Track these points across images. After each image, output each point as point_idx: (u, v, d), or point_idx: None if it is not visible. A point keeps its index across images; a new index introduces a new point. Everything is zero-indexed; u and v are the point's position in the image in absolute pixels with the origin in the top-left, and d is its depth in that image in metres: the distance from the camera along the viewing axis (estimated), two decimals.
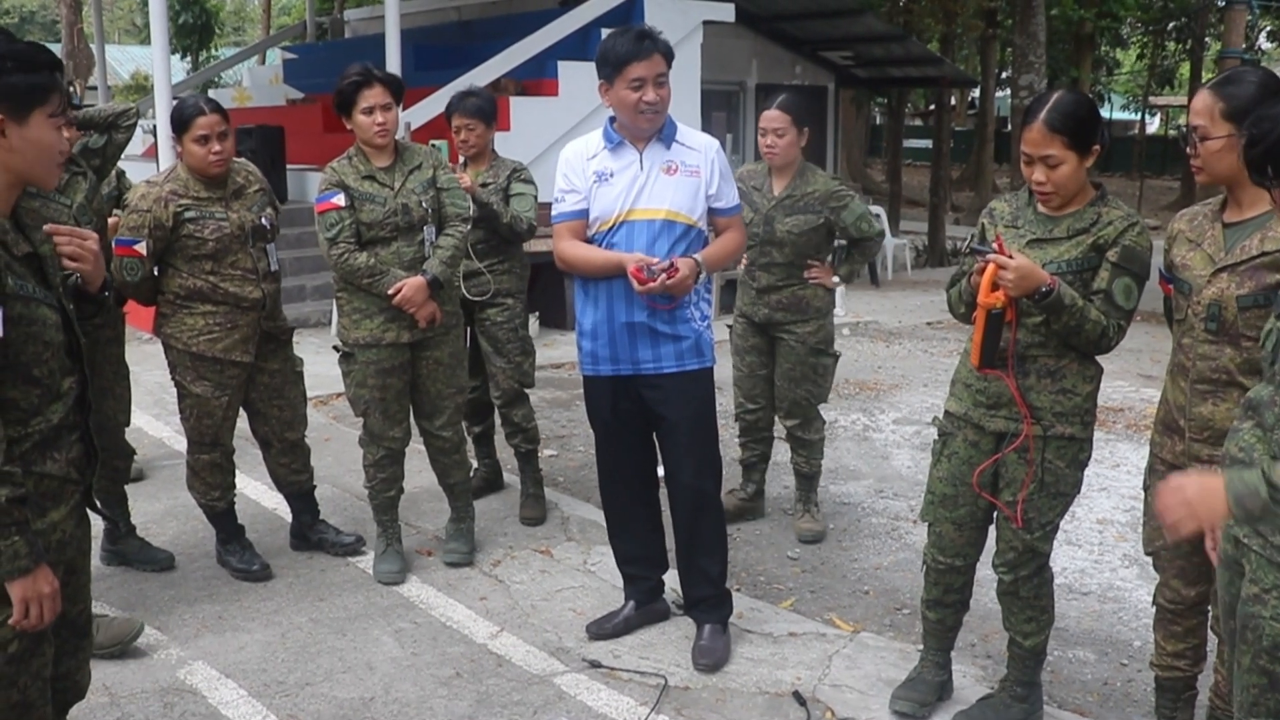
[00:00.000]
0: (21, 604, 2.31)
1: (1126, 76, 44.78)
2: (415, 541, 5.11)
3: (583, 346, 4.08)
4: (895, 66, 16.80)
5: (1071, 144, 3.19)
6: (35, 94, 2.32)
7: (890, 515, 5.76)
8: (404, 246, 4.54)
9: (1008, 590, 3.57)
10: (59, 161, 2.43)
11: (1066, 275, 3.28)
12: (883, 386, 8.61)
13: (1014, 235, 3.39)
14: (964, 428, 3.51)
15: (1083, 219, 3.30)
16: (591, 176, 3.95)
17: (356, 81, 4.44)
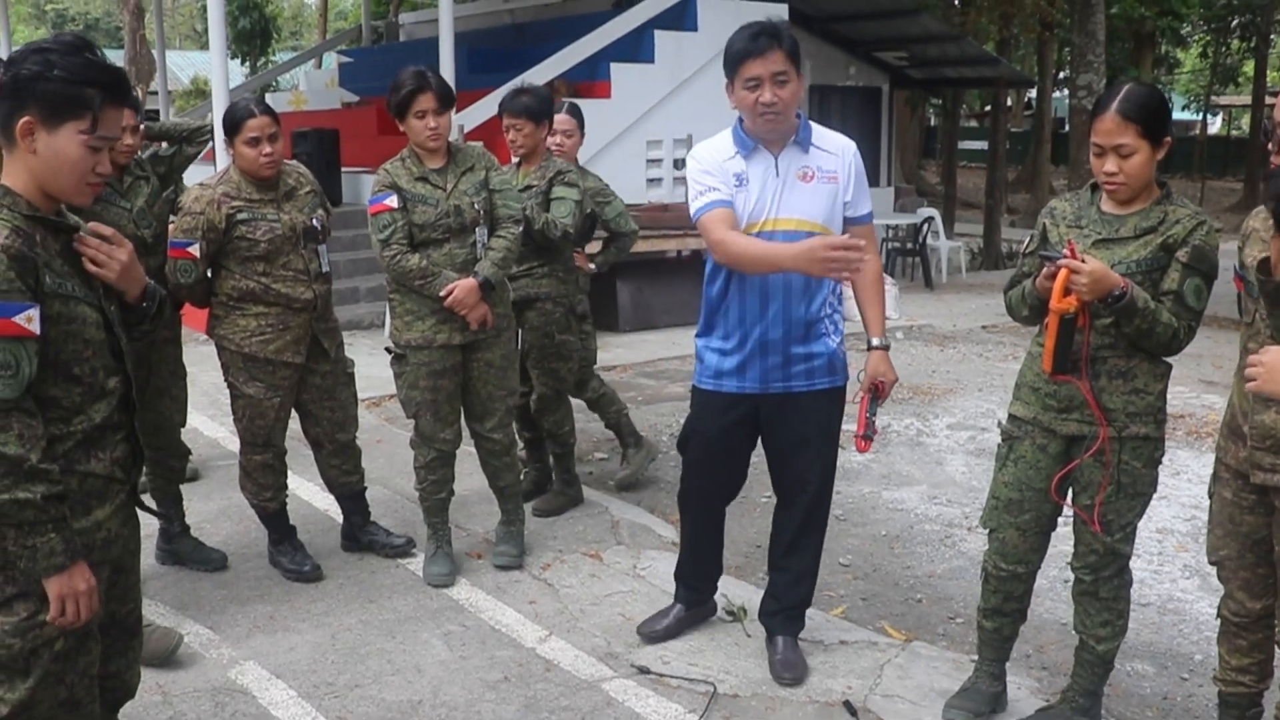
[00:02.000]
0: (58, 600, 2.35)
1: (1188, 76, 44.15)
2: (465, 544, 5.11)
3: (707, 359, 3.90)
4: (950, 67, 16.65)
5: (1144, 133, 3.14)
6: (71, 106, 2.35)
7: (944, 522, 5.69)
8: (456, 248, 4.55)
9: (1087, 590, 3.50)
10: (88, 181, 2.43)
11: (1136, 275, 3.22)
12: (937, 391, 8.52)
13: (1079, 235, 3.33)
14: (1032, 432, 3.45)
15: (1149, 217, 3.25)
16: (731, 178, 3.69)
17: (411, 89, 4.45)
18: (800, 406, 3.84)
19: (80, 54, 2.38)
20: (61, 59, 2.35)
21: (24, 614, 2.36)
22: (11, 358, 2.26)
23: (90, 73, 2.37)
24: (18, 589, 2.35)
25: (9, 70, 2.35)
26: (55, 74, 2.33)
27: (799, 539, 4.05)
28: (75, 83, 2.35)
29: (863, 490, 6.14)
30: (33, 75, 2.33)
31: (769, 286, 3.71)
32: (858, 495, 6.06)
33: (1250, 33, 32.51)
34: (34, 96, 2.32)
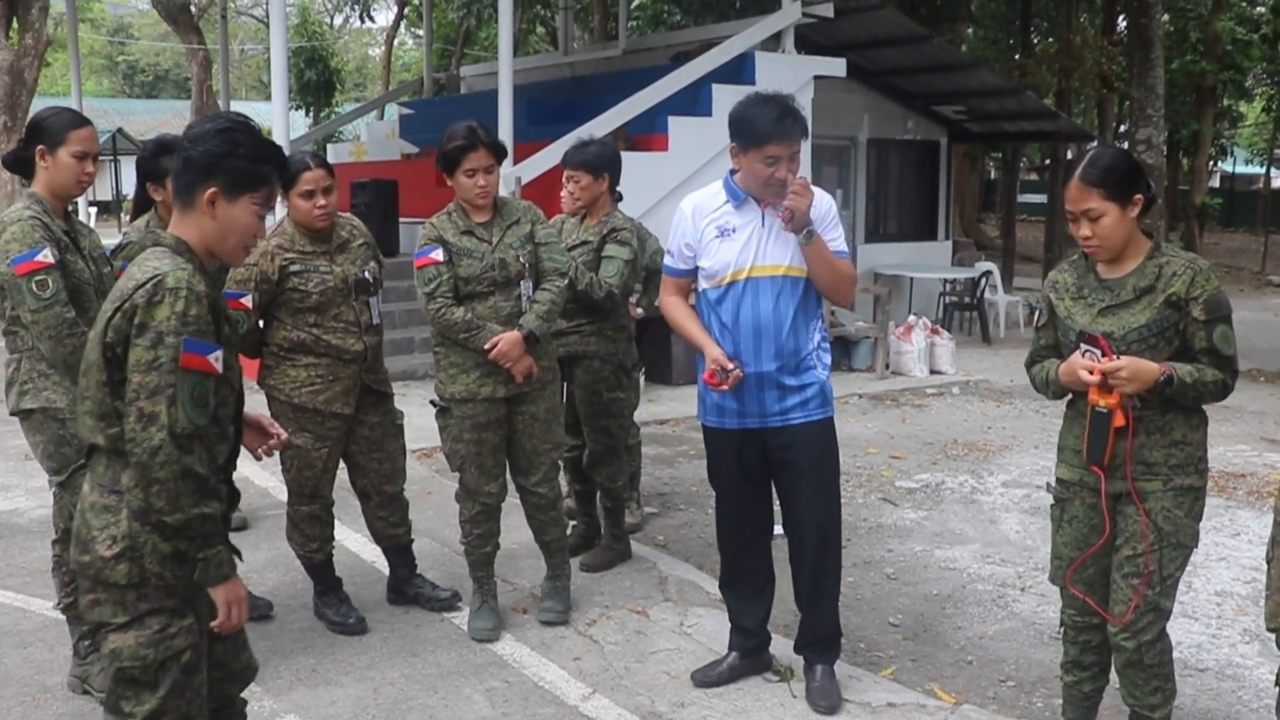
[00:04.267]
0: (225, 606, 2.66)
1: (1251, 129, 43.65)
2: (511, 598, 5.09)
3: (707, 399, 4.13)
4: (1009, 121, 16.56)
5: (1109, 195, 3.27)
6: (252, 181, 2.69)
7: (997, 582, 5.58)
8: (501, 301, 4.56)
9: (1131, 660, 3.46)
10: (250, 245, 2.77)
11: (1150, 339, 3.31)
12: (992, 448, 8.40)
13: (1083, 307, 3.44)
14: (1080, 492, 3.50)
15: (1145, 275, 3.33)
16: (712, 232, 3.99)
17: (461, 145, 4.48)
18: (799, 437, 4.04)
19: (257, 134, 2.73)
20: (245, 138, 2.69)
21: (156, 628, 2.59)
22: (203, 390, 2.57)
23: (267, 152, 2.73)
24: (150, 605, 2.59)
25: (196, 145, 2.68)
26: (240, 152, 2.67)
27: (818, 579, 4.19)
28: (256, 160, 2.70)
29: (915, 549, 6.05)
30: (222, 153, 2.66)
31: (762, 323, 3.95)
32: (909, 554, 5.97)
33: None
34: (221, 171, 2.66)
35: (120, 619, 2.60)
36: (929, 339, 11.57)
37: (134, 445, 2.52)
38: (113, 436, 2.58)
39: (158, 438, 2.51)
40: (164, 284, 2.55)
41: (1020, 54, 21.23)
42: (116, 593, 2.59)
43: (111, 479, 2.61)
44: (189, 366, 2.54)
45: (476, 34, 28.54)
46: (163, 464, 2.51)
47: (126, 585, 2.58)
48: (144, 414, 2.51)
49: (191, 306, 2.55)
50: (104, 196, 31.77)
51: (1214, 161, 36.58)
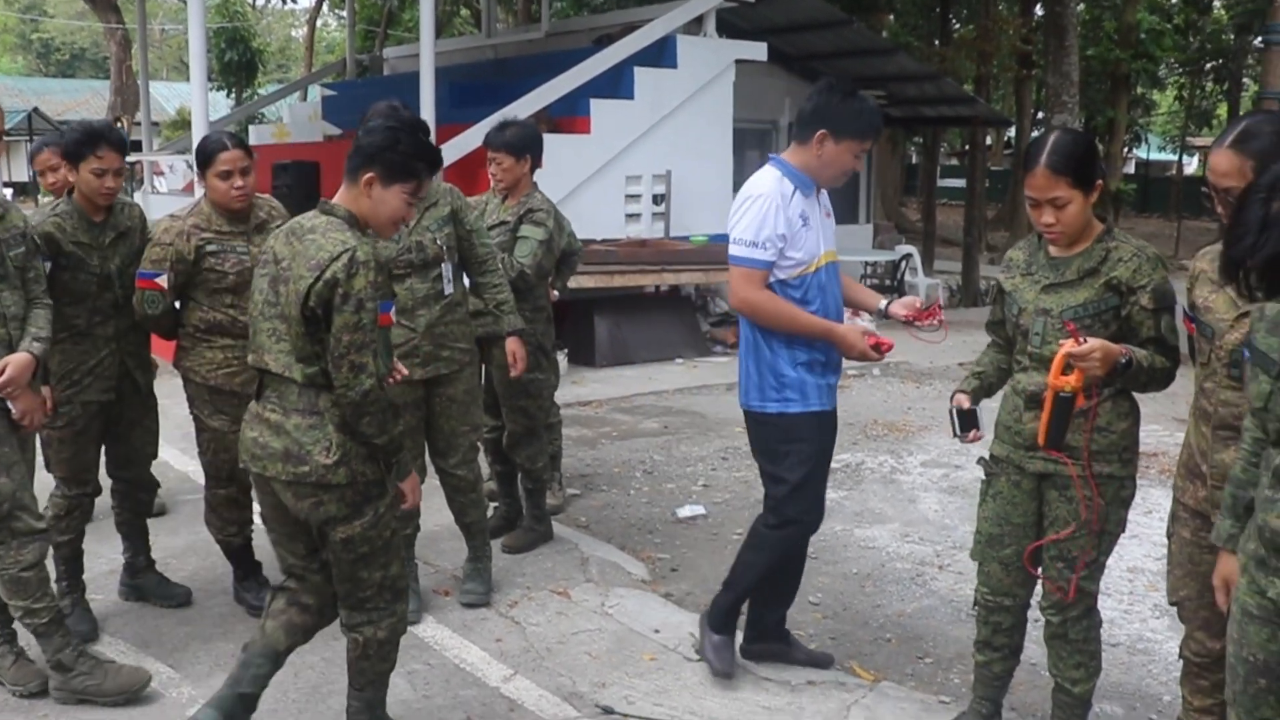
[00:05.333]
0: (412, 491, 3.47)
1: (1164, 117, 44.60)
2: (432, 581, 5.08)
3: (809, 381, 4.00)
4: (929, 106, 16.75)
5: (1076, 183, 3.25)
6: (404, 172, 3.25)
7: (916, 561, 5.67)
8: (418, 283, 4.54)
9: (1056, 633, 3.53)
10: (397, 227, 3.36)
11: (1085, 319, 3.31)
12: (912, 428, 8.52)
13: (1029, 283, 3.45)
14: (1007, 470, 3.54)
15: (1091, 257, 3.34)
16: (799, 220, 3.91)
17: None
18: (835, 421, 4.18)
19: (417, 134, 3.33)
20: (406, 137, 3.27)
21: (372, 515, 3.32)
22: (389, 341, 3.31)
23: (422, 151, 3.29)
24: (362, 498, 3.29)
25: (367, 135, 3.29)
26: (400, 148, 3.24)
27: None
28: (411, 157, 3.26)
29: (835, 528, 6.13)
30: (383, 145, 3.24)
31: (837, 305, 4.13)
32: (829, 533, 6.04)
33: (1223, 76, 32.90)
34: (380, 161, 3.23)
35: (344, 513, 3.27)
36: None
37: (347, 389, 3.15)
38: (310, 374, 3.22)
39: (368, 383, 3.16)
40: (356, 258, 3.13)
41: (940, 40, 21.46)
42: (338, 492, 3.26)
43: (308, 404, 3.24)
44: (385, 324, 3.23)
45: (400, 15, 28.25)
46: (373, 402, 3.18)
47: (346, 485, 3.24)
48: (355, 365, 3.15)
49: (378, 275, 3.18)
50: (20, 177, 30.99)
51: (1128, 148, 37.26)
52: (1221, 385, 3.00)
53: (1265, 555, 2.47)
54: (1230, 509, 2.73)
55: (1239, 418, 2.96)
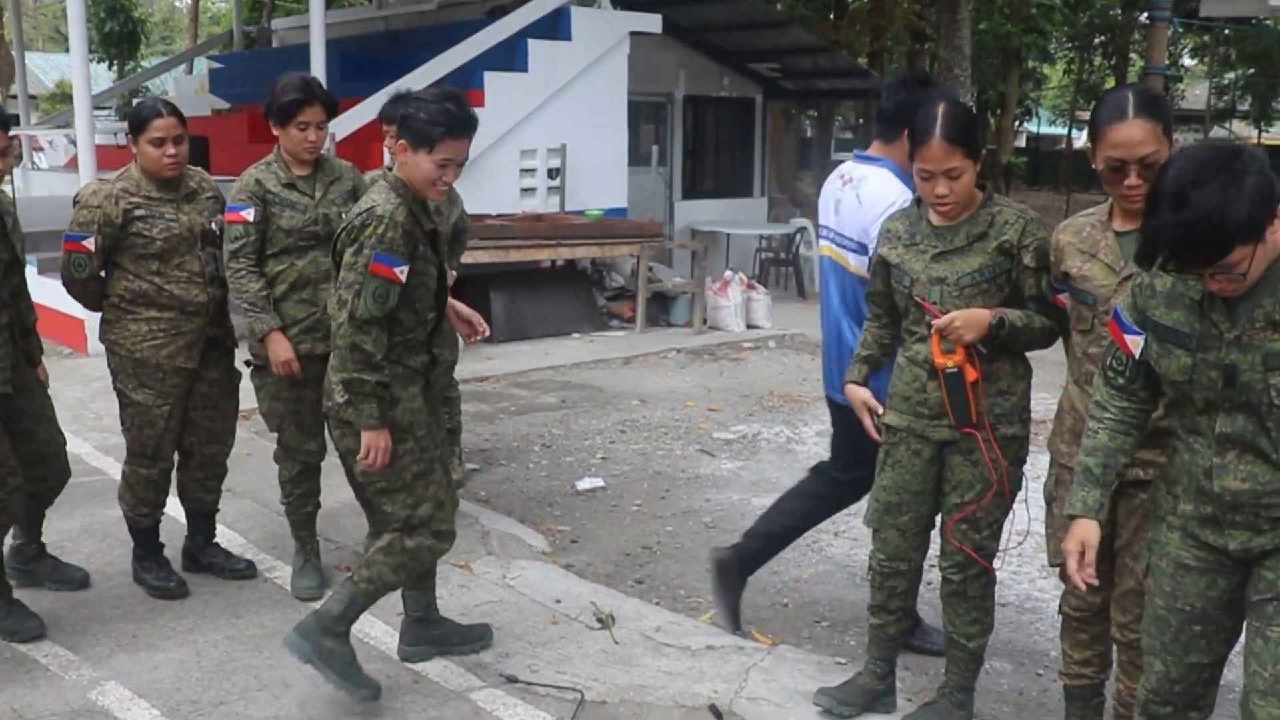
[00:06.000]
0: (365, 447, 3.61)
1: (1054, 91, 45.53)
2: (334, 557, 5.08)
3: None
4: (823, 79, 16.94)
5: (969, 153, 3.32)
6: (424, 138, 3.57)
7: None
8: (321, 256, 4.53)
9: (955, 591, 3.64)
10: (437, 190, 3.67)
11: (982, 284, 3.41)
12: (807, 399, 8.68)
13: (916, 254, 3.50)
14: (907, 439, 3.60)
15: (978, 223, 3.43)
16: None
17: (298, 99, 4.46)
18: None
19: (443, 103, 3.59)
20: (425, 106, 3.58)
21: (402, 452, 3.68)
22: (386, 291, 3.55)
23: (439, 117, 3.56)
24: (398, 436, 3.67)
25: (406, 106, 3.64)
26: (421, 116, 3.56)
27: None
28: (429, 124, 3.56)
29: (732, 498, 6.24)
30: (407, 115, 3.59)
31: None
32: (727, 502, 6.16)
33: (1111, 51, 33.72)
34: (407, 128, 3.59)
35: (359, 447, 3.62)
36: (745, 294, 11.83)
37: (333, 320, 3.62)
38: None
39: (342, 316, 3.55)
40: (375, 212, 3.56)
41: (834, 14, 21.68)
42: (353, 427, 3.63)
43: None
44: (375, 272, 3.51)
45: None
46: (342, 336, 3.55)
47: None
48: (342, 300, 3.57)
49: (389, 231, 3.53)
50: None
51: (1019, 122, 38.03)
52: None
53: (1217, 514, 2.61)
54: (1099, 479, 2.83)
55: None
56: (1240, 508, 2.57)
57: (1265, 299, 2.43)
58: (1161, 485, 2.79)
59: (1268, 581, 2.57)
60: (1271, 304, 2.42)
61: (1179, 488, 2.71)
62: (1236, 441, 2.53)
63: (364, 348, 3.55)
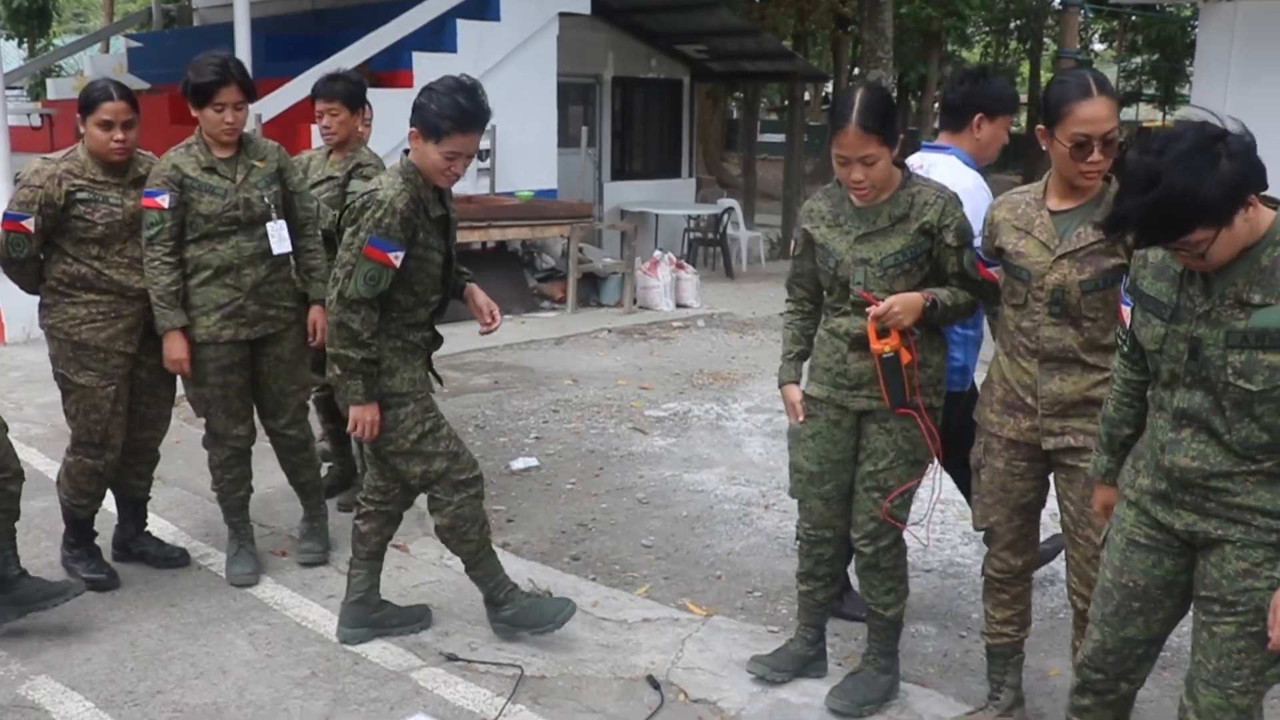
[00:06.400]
0: (353, 422, 3.81)
1: None
2: (269, 542, 5.06)
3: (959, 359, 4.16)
4: (749, 61, 17.03)
5: (884, 141, 3.37)
6: (434, 130, 3.68)
7: (743, 502, 5.89)
8: (244, 241, 4.50)
9: (869, 564, 3.73)
10: (447, 178, 3.79)
11: (905, 264, 3.50)
12: (736, 376, 8.78)
13: (840, 234, 3.58)
14: (826, 409, 3.68)
15: (899, 204, 3.50)
16: None
17: (214, 80, 4.38)
18: None
19: (454, 96, 3.68)
20: (436, 98, 3.68)
21: (390, 419, 3.86)
22: (378, 275, 3.69)
23: (449, 111, 3.66)
24: (382, 404, 3.83)
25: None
26: (431, 107, 3.66)
27: None
28: (438, 116, 3.66)
29: (664, 474, 6.31)
30: (420, 105, 3.70)
31: None
32: (659, 479, 6.22)
33: (1026, 35, 34.23)
34: (419, 117, 3.69)
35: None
36: (674, 274, 11.90)
37: (326, 296, 3.82)
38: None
39: (333, 293, 3.74)
40: (376, 196, 3.69)
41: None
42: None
43: None
44: (369, 256, 3.66)
45: None
46: (331, 313, 3.75)
47: None
48: (335, 277, 3.74)
49: (386, 216, 3.66)
50: None
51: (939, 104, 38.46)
52: (1044, 323, 3.23)
53: (1168, 490, 2.67)
54: (1106, 446, 2.94)
55: (1063, 351, 3.22)
56: (1189, 486, 2.63)
57: (1239, 278, 2.48)
58: (1130, 459, 2.86)
59: (1213, 579, 2.63)
60: (1244, 283, 2.48)
61: (1142, 462, 2.77)
62: (1193, 419, 2.60)
63: (350, 326, 3.71)
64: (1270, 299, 2.43)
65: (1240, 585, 2.57)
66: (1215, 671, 2.63)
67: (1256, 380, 2.46)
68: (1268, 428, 2.50)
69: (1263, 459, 2.53)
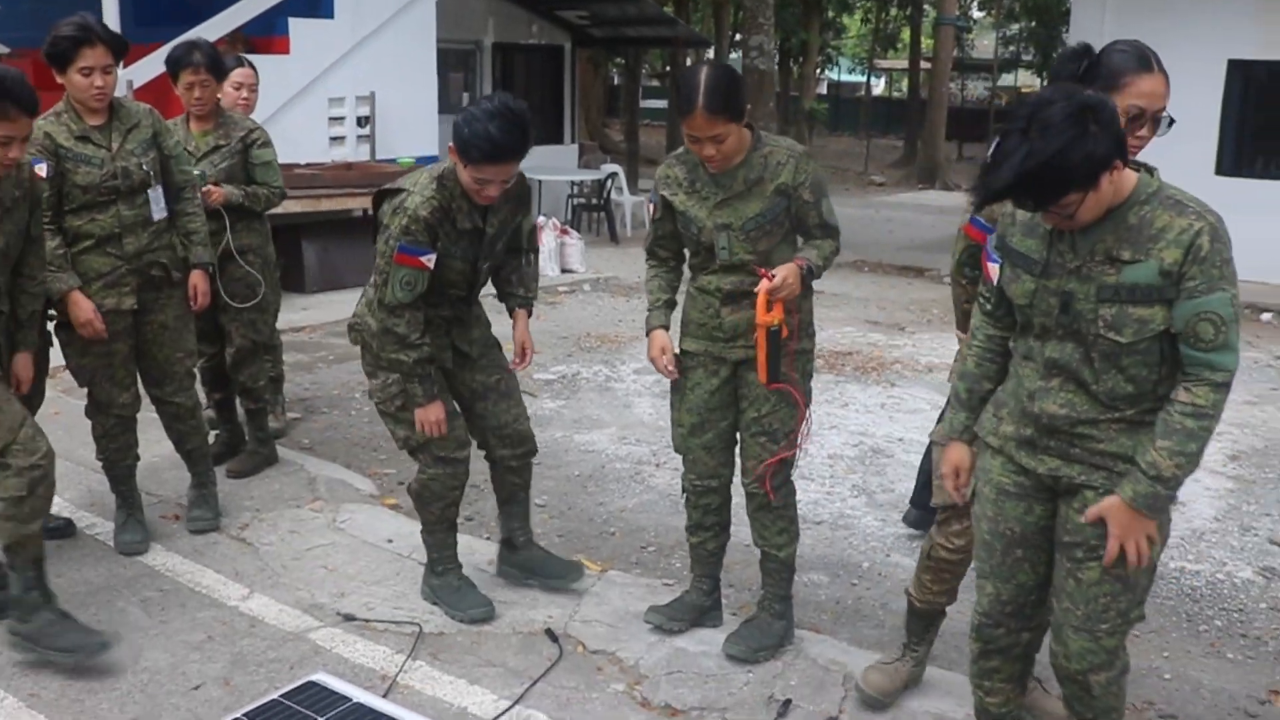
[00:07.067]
0: (419, 423, 3.91)
1: (853, 40, 46.71)
2: (158, 510, 5.00)
3: None
4: (630, 26, 17.05)
5: (731, 118, 3.44)
6: (463, 153, 3.64)
7: (634, 460, 5.98)
8: (125, 210, 4.41)
9: (761, 505, 3.82)
10: (481, 197, 3.76)
11: (766, 225, 3.61)
12: (623, 339, 8.85)
13: (698, 200, 3.66)
14: (705, 361, 3.77)
15: (753, 168, 3.59)
16: None
17: (76, 39, 4.20)
18: None
19: (486, 123, 3.58)
20: (472, 124, 3.60)
21: (378, 383, 3.98)
22: (413, 279, 3.75)
23: (480, 140, 3.59)
24: (374, 366, 3.98)
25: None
26: (465, 131, 3.62)
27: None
28: (467, 142, 3.61)
29: (556, 435, 6.36)
30: (457, 124, 3.64)
31: None
32: (551, 440, 6.27)
33: (906, 1, 34.74)
34: (456, 136, 3.64)
35: (367, 370, 4.04)
36: (559, 239, 11.93)
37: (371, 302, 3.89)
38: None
39: (376, 301, 3.82)
40: (405, 204, 3.73)
41: None
42: (363, 354, 4.03)
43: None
44: (400, 262, 3.72)
45: None
46: (376, 319, 3.83)
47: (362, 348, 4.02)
48: (374, 284, 3.85)
49: (411, 224, 3.70)
50: None
51: (821, 69, 38.91)
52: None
53: (1034, 436, 2.78)
54: (966, 403, 3.00)
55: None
56: (1055, 433, 2.74)
57: (1108, 235, 2.59)
58: (990, 408, 2.95)
59: (1075, 525, 2.74)
60: (1113, 240, 2.58)
61: (1005, 410, 2.87)
62: (1062, 369, 2.71)
63: (396, 330, 3.79)
64: (1139, 255, 2.55)
65: (1102, 530, 2.68)
66: (1084, 617, 2.75)
67: (1126, 333, 2.58)
68: (1132, 379, 2.63)
69: (1125, 408, 2.66)
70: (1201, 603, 4.54)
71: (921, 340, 9.25)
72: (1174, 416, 2.56)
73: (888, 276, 12.54)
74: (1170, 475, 2.57)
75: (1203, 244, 2.50)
